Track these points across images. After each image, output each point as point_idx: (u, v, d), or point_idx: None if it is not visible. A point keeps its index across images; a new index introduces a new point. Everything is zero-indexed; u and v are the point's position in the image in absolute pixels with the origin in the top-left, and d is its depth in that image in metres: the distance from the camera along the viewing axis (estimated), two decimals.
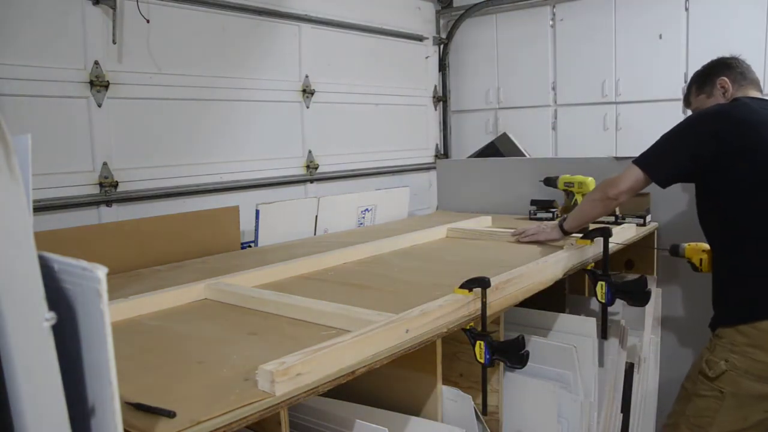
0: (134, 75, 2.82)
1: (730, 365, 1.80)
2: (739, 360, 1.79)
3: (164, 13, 2.91)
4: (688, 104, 2.15)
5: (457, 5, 4.63)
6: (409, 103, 4.47)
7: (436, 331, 1.36)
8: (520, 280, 1.70)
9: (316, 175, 3.71)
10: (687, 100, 2.15)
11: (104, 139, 2.72)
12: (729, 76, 2.00)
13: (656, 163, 1.90)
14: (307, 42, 3.63)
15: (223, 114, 3.20)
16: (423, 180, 4.53)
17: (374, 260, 2.14)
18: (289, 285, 1.80)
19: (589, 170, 2.66)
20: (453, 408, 1.47)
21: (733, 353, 1.80)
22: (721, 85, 2.00)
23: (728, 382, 1.81)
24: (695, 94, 2.09)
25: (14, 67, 2.42)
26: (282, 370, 1.01)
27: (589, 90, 4.15)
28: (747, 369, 1.78)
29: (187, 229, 2.36)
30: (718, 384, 1.82)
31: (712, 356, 1.85)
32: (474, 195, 3.32)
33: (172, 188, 2.97)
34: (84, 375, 0.73)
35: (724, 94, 2.00)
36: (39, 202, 2.47)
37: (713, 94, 2.02)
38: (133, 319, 1.50)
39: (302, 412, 1.36)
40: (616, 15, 4.02)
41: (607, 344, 2.11)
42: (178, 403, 0.96)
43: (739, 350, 1.79)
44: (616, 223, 2.54)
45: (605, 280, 1.97)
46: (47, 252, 0.73)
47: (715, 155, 1.80)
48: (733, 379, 1.80)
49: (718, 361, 1.82)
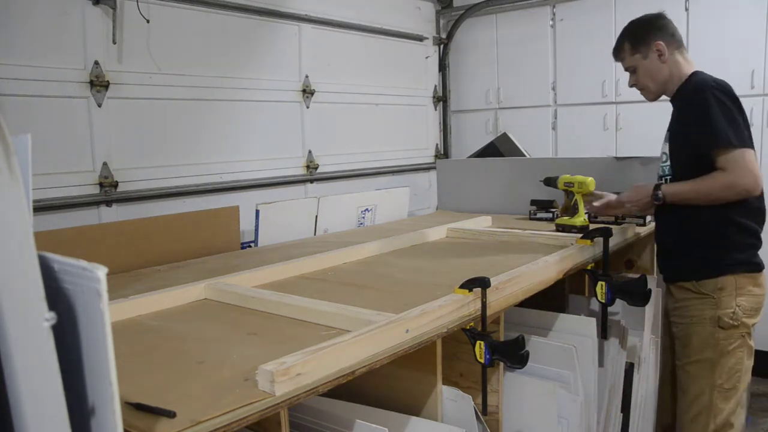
0: (134, 75, 2.82)
1: (742, 308, 1.96)
2: (746, 300, 1.97)
3: (164, 13, 2.91)
4: (621, 59, 2.21)
5: (457, 5, 4.62)
6: (409, 103, 4.47)
7: (436, 331, 1.36)
8: (520, 280, 1.70)
9: (316, 175, 3.71)
10: (618, 54, 2.21)
11: (104, 139, 2.72)
12: (664, 39, 2.09)
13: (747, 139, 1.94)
14: (307, 42, 3.63)
15: (223, 114, 3.20)
16: (423, 180, 4.53)
17: (374, 260, 2.14)
18: (289, 285, 1.80)
19: (589, 170, 2.66)
20: (453, 408, 1.47)
21: (740, 296, 1.96)
22: (657, 48, 2.09)
23: (744, 326, 1.97)
24: (629, 52, 2.16)
25: (14, 67, 2.42)
26: (282, 370, 1.01)
27: (589, 90, 4.15)
28: (752, 306, 1.97)
29: (187, 229, 2.36)
30: (741, 331, 1.97)
31: (722, 310, 1.97)
32: (474, 195, 3.32)
33: (172, 188, 2.97)
34: (84, 375, 0.73)
35: (660, 56, 2.10)
36: (39, 202, 2.47)
37: (648, 56, 2.11)
38: (133, 319, 1.50)
39: (302, 412, 1.36)
40: (616, 15, 4.01)
41: (607, 344, 2.11)
42: (178, 403, 0.96)
43: (745, 291, 1.97)
44: (616, 223, 2.54)
45: (605, 280, 1.97)
46: (47, 252, 0.73)
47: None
48: (745, 322, 1.97)
49: (732, 309, 1.96)
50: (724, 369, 1.98)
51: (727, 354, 1.98)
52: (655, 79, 2.14)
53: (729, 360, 1.98)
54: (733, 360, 1.98)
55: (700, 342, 2.01)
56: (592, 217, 2.52)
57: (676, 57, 2.11)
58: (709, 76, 2.05)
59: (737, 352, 1.98)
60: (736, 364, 1.98)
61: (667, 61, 2.10)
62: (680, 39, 2.15)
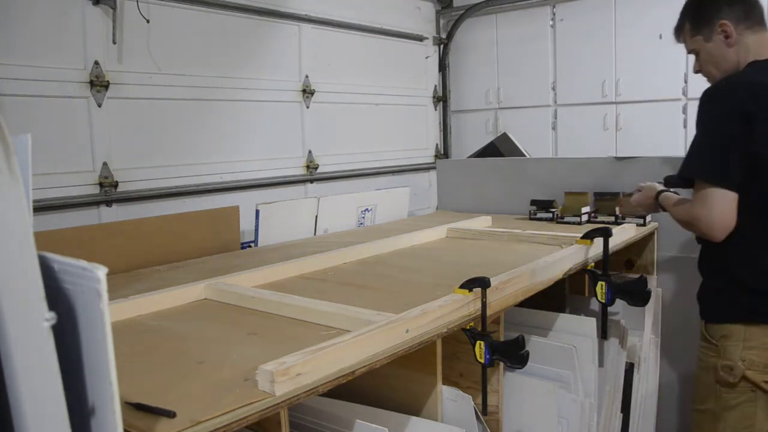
0: (134, 75, 2.82)
1: (748, 363, 1.68)
2: (757, 355, 1.68)
3: (164, 13, 2.91)
4: (681, 40, 1.90)
5: (457, 5, 4.63)
6: (409, 103, 4.47)
7: (436, 331, 1.36)
8: (520, 280, 1.70)
9: (316, 175, 3.71)
10: (679, 34, 1.90)
11: (104, 139, 2.72)
12: (730, 17, 1.72)
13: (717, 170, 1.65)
14: (307, 42, 3.63)
15: (223, 114, 3.20)
16: (423, 180, 4.53)
17: (374, 260, 2.14)
18: (289, 285, 1.80)
19: (589, 170, 2.66)
20: (453, 408, 1.47)
21: (748, 350, 1.68)
22: (722, 29, 1.73)
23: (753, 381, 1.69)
24: (690, 34, 1.83)
25: (14, 67, 2.42)
26: (282, 370, 1.01)
27: (589, 90, 4.15)
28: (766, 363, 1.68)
29: (187, 229, 2.35)
30: (745, 386, 1.70)
31: (725, 360, 1.72)
32: (474, 195, 3.32)
33: (172, 188, 2.97)
34: (84, 375, 0.73)
35: (727, 39, 1.74)
36: (39, 202, 2.47)
37: (712, 38, 1.77)
38: (133, 319, 1.50)
39: (302, 412, 1.36)
40: (616, 15, 4.02)
41: (607, 344, 2.11)
42: (178, 403, 0.96)
43: (757, 344, 1.67)
44: (616, 223, 2.54)
45: (605, 280, 1.97)
46: (47, 252, 0.73)
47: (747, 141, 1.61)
48: (755, 377, 1.69)
49: (735, 363, 1.70)
50: (728, 424, 1.73)
51: (731, 409, 1.72)
52: (720, 67, 1.77)
53: (733, 415, 1.72)
54: (738, 415, 1.71)
55: (703, 390, 1.80)
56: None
57: (747, 39, 1.72)
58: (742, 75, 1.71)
59: (745, 407, 1.70)
60: (743, 421, 1.71)
61: (734, 44, 1.73)
62: (760, 16, 1.74)
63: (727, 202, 1.62)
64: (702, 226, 1.67)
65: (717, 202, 1.63)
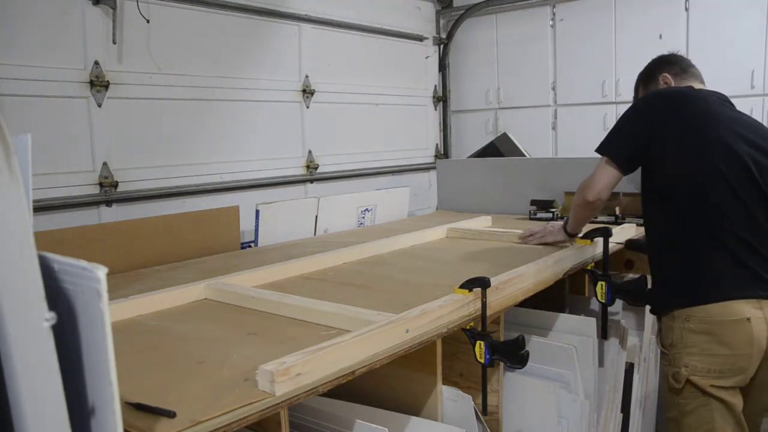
0: (134, 75, 2.82)
1: (691, 369, 1.72)
2: (698, 360, 1.71)
3: (164, 13, 2.91)
4: None
5: (457, 5, 4.63)
6: (409, 103, 4.47)
7: (436, 331, 1.36)
8: (520, 280, 1.70)
9: (316, 175, 3.71)
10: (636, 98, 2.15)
11: (104, 139, 2.72)
12: (670, 72, 2.01)
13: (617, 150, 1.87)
14: (307, 42, 3.63)
15: (223, 114, 3.20)
16: (423, 180, 4.53)
17: (374, 260, 2.14)
18: (289, 285, 1.80)
19: (589, 170, 2.66)
20: (453, 408, 1.47)
21: (689, 356, 1.72)
22: (663, 81, 2.01)
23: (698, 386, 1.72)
24: (642, 91, 2.11)
25: (14, 67, 2.42)
26: (282, 370, 1.01)
27: (589, 90, 4.15)
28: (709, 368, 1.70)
29: (187, 229, 2.36)
30: (693, 391, 1.72)
31: (674, 368, 1.76)
32: (474, 195, 3.32)
33: (172, 188, 2.97)
34: (84, 375, 0.73)
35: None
36: (39, 202, 2.47)
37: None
38: (133, 319, 1.50)
39: (302, 412, 1.36)
40: (616, 15, 4.02)
41: (607, 344, 2.11)
42: (178, 403, 0.96)
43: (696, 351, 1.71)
44: (616, 223, 2.54)
45: (605, 280, 1.97)
46: (47, 252, 0.73)
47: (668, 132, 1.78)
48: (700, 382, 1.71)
49: (679, 369, 1.74)
50: (690, 429, 1.75)
51: (689, 414, 1.75)
52: None
53: (691, 420, 1.75)
54: (696, 420, 1.74)
55: (666, 399, 1.85)
56: None
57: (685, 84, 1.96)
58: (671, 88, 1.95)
59: (701, 412, 1.72)
60: (701, 425, 1.73)
61: None
62: (696, 73, 2.01)
63: (607, 174, 1.86)
64: (582, 186, 1.94)
65: (600, 172, 1.88)
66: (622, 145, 1.86)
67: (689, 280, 1.75)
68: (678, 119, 1.78)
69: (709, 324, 1.70)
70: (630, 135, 1.85)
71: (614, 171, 1.86)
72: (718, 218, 1.70)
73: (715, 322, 1.69)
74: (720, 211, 1.70)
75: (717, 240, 1.71)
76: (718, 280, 1.71)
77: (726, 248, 1.70)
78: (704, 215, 1.72)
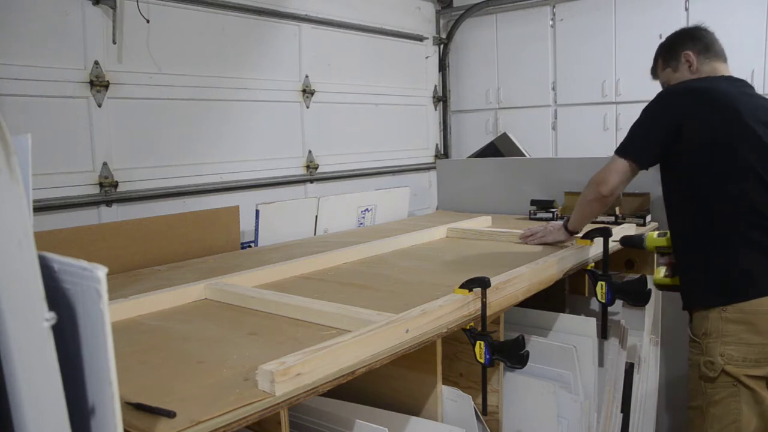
0: (134, 75, 2.82)
1: (727, 358, 1.75)
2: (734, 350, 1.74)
3: (164, 13, 2.91)
4: (656, 76, 2.10)
5: (457, 5, 4.63)
6: (409, 103, 4.47)
7: (436, 331, 1.36)
8: (520, 280, 1.70)
9: (316, 175, 3.71)
10: (654, 72, 2.10)
11: (104, 139, 2.72)
12: (693, 49, 1.94)
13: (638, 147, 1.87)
14: (307, 42, 3.63)
15: (223, 114, 3.20)
16: (423, 180, 4.53)
17: (374, 260, 2.14)
18: (289, 285, 1.80)
19: (589, 170, 2.66)
20: (453, 408, 1.47)
21: (726, 345, 1.75)
22: (686, 59, 1.95)
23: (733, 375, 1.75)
24: (661, 68, 2.05)
25: (14, 67, 2.42)
26: (282, 370, 1.01)
27: (589, 90, 4.15)
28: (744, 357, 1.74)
29: (187, 229, 2.35)
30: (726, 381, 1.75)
31: (707, 357, 1.78)
32: (474, 195, 3.32)
33: (172, 188, 2.97)
34: (84, 375, 0.73)
35: (690, 68, 1.95)
36: (39, 202, 2.47)
37: (679, 68, 1.98)
38: (133, 319, 1.50)
39: (302, 412, 1.36)
40: (616, 15, 4.01)
41: (607, 344, 2.11)
42: (178, 403, 0.96)
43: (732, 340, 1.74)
44: (616, 223, 2.54)
45: (605, 280, 1.97)
46: (47, 252, 0.73)
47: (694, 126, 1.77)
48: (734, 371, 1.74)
49: (715, 358, 1.76)
50: (715, 419, 1.78)
51: (716, 404, 1.77)
52: None
53: (718, 410, 1.77)
54: (722, 411, 1.76)
55: (692, 387, 1.86)
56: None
57: (704, 68, 1.92)
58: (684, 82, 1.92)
59: (729, 402, 1.75)
60: (728, 416, 1.75)
61: (697, 71, 1.93)
62: (720, 51, 1.96)
63: (623, 168, 1.87)
64: (595, 180, 1.94)
65: (615, 166, 1.88)
66: (645, 139, 1.85)
67: (722, 277, 1.78)
68: (704, 113, 1.77)
69: (746, 314, 1.73)
70: (653, 128, 1.84)
71: (631, 165, 1.86)
72: (748, 212, 1.72)
73: (752, 311, 1.72)
74: (750, 204, 1.72)
75: (747, 234, 1.73)
76: (753, 276, 1.74)
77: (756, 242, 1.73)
78: (734, 209, 1.74)
